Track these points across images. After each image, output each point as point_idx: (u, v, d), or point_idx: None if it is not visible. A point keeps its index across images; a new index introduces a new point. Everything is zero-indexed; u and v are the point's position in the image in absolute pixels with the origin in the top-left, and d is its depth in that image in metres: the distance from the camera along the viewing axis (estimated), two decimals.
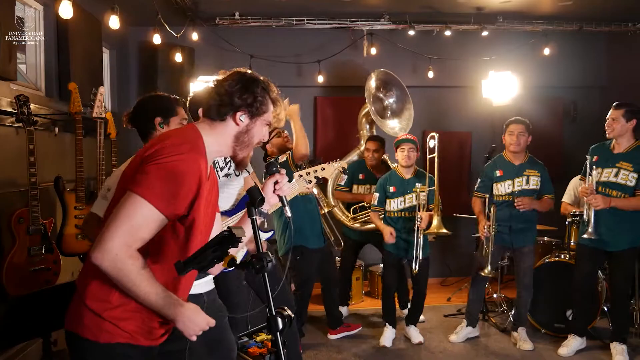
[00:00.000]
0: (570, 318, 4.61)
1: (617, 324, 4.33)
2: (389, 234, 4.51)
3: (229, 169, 3.35)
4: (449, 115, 6.53)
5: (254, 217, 1.86)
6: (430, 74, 6.19)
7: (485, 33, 6.00)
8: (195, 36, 5.65)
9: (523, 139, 4.48)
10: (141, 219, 1.68)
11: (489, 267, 4.43)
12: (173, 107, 2.60)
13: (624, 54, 6.36)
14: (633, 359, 4.19)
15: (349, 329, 4.70)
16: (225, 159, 3.36)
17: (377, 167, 5.20)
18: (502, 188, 4.52)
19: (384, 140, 5.25)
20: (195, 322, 1.81)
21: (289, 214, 2.00)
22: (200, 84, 5.26)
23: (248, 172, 3.43)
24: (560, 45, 6.21)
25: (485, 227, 4.48)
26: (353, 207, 5.29)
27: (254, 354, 4.12)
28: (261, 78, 1.95)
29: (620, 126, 4.13)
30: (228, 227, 1.90)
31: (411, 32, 5.95)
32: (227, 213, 3.11)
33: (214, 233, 2.43)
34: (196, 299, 2.48)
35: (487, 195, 4.63)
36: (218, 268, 2.04)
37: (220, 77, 1.95)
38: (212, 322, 1.87)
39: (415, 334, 4.67)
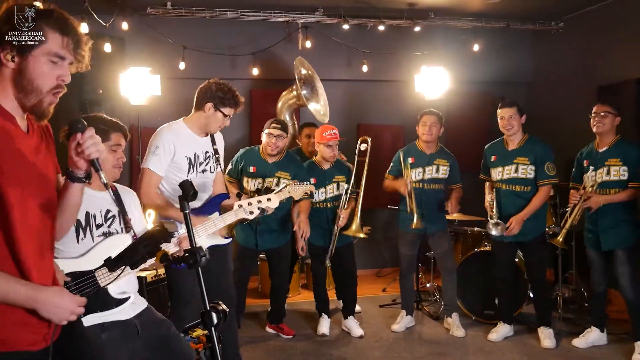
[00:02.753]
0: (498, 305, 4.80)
1: (539, 309, 4.56)
2: (299, 247, 4.59)
3: (206, 164, 3.28)
4: (383, 109, 6.63)
5: (187, 211, 1.81)
6: (365, 68, 6.26)
7: (417, 28, 6.12)
8: (125, 26, 5.46)
9: (435, 130, 4.62)
10: None
11: (415, 219, 4.48)
12: (108, 132, 2.48)
13: (547, 51, 6.66)
14: (559, 342, 4.42)
15: (282, 331, 4.69)
16: (205, 153, 3.28)
17: (314, 152, 5.21)
18: (413, 175, 4.63)
19: (317, 126, 5.30)
20: (61, 305, 1.60)
21: (104, 180, 1.77)
22: (131, 75, 5.10)
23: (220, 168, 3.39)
24: (488, 42, 6.43)
25: (408, 182, 4.54)
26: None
27: None
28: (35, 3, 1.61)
29: (518, 123, 4.36)
30: (160, 222, 1.85)
31: (345, 26, 6.00)
32: (195, 211, 3.05)
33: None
34: (125, 325, 2.45)
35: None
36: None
37: None
38: (82, 301, 1.68)
39: (354, 327, 4.72)
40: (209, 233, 3.04)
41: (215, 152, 3.36)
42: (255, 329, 4.77)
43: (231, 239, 3.37)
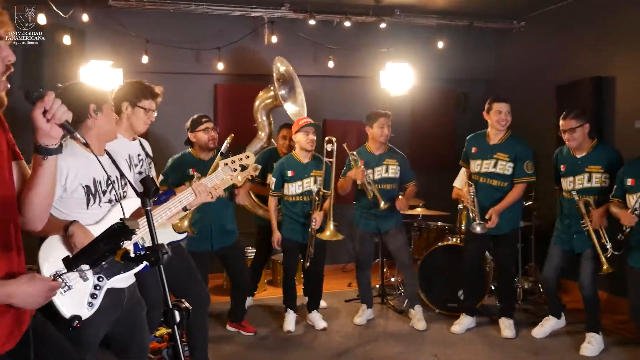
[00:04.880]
0: (461, 298, 4.89)
1: (504, 301, 4.69)
2: (275, 241, 4.63)
3: (141, 167, 3.23)
4: (349, 105, 6.65)
5: (148, 208, 1.79)
6: (331, 64, 6.27)
7: (383, 25, 6.16)
8: (85, 17, 5.33)
9: (389, 130, 4.69)
10: None
11: (382, 203, 4.52)
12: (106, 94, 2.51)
13: (509, 50, 6.80)
14: (519, 332, 4.54)
15: (243, 329, 4.66)
16: (138, 155, 3.23)
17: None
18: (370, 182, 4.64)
19: None
20: (34, 292, 1.62)
21: (82, 140, 1.77)
22: (92, 69, 4.99)
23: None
24: (452, 40, 6.52)
25: (362, 171, 4.57)
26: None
27: (153, 349, 4.01)
28: None
29: (510, 119, 4.42)
30: (120, 219, 1.82)
31: (312, 22, 5.99)
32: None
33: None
34: (118, 293, 2.42)
35: None
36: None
37: None
38: (55, 285, 1.69)
39: (318, 320, 4.76)
40: (208, 191, 2.96)
41: (147, 155, 3.31)
42: (216, 328, 4.70)
43: (186, 233, 3.34)
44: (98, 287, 2.29)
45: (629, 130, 4.94)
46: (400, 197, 4.68)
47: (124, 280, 2.45)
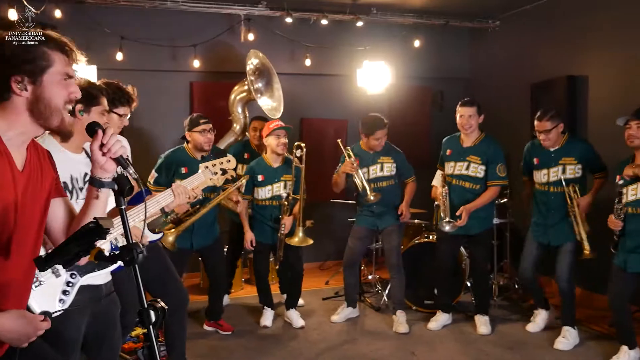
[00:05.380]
0: (438, 295, 4.93)
1: (479, 298, 4.74)
2: (249, 241, 4.60)
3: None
4: (326, 103, 6.66)
5: (123, 207, 1.76)
6: (308, 62, 6.26)
7: (360, 23, 6.17)
8: (58, 13, 5.23)
9: (385, 139, 4.66)
10: None
11: (372, 196, 4.51)
12: (97, 96, 2.44)
13: (484, 49, 6.87)
14: (494, 328, 4.60)
15: (221, 327, 4.63)
16: None
17: (262, 146, 5.17)
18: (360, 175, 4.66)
19: (267, 120, 5.28)
20: (15, 331, 1.59)
21: (135, 176, 1.74)
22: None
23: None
24: (428, 38, 6.56)
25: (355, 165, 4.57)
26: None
27: (129, 349, 3.97)
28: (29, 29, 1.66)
29: (476, 122, 4.45)
30: (94, 218, 1.79)
31: (288, 20, 5.97)
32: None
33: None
34: (95, 290, 2.40)
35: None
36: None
37: None
38: (42, 326, 1.65)
39: (295, 318, 4.75)
40: (190, 189, 2.95)
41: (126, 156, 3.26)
42: (193, 327, 4.66)
43: (162, 234, 3.30)
44: (70, 284, 2.27)
45: (601, 128, 5.03)
46: (401, 207, 4.67)
47: (101, 277, 2.43)
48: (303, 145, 4.63)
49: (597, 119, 5.21)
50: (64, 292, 2.25)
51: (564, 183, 4.18)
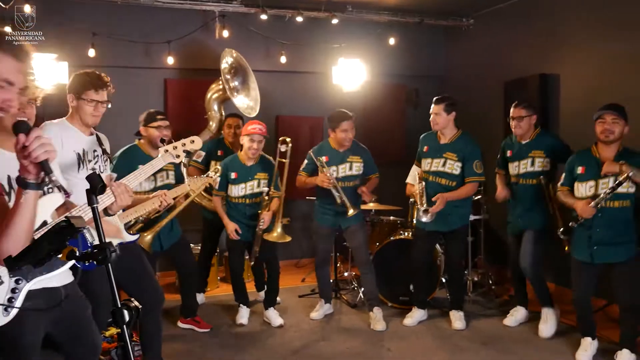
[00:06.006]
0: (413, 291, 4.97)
1: (454, 294, 4.79)
2: (232, 231, 4.56)
3: (95, 163, 3.12)
4: (302, 100, 6.65)
5: (95, 205, 1.74)
6: (283, 59, 6.23)
7: (335, 21, 6.17)
8: (27, 8, 5.11)
9: (353, 133, 4.64)
10: None
11: (351, 210, 4.51)
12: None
13: (458, 47, 6.93)
14: (469, 323, 4.66)
15: (197, 325, 4.60)
16: (94, 151, 3.12)
17: (236, 144, 5.14)
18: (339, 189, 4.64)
19: (242, 117, 5.25)
20: None
21: (57, 183, 1.65)
22: (35, 62, 4.80)
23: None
24: (404, 36, 6.59)
25: (330, 175, 4.53)
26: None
27: (103, 350, 3.91)
28: None
29: (443, 119, 4.49)
30: (66, 217, 1.76)
31: (263, 17, 5.94)
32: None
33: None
34: (51, 292, 2.25)
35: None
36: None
37: None
38: None
39: (274, 317, 4.73)
40: (140, 181, 2.92)
41: (104, 152, 3.20)
42: (168, 326, 4.59)
43: (138, 235, 3.26)
44: (16, 290, 2.09)
45: (573, 125, 5.12)
46: (360, 188, 4.66)
47: (56, 279, 2.27)
48: (289, 140, 4.61)
49: (568, 116, 5.31)
50: (9, 300, 2.07)
51: (542, 181, 4.31)
